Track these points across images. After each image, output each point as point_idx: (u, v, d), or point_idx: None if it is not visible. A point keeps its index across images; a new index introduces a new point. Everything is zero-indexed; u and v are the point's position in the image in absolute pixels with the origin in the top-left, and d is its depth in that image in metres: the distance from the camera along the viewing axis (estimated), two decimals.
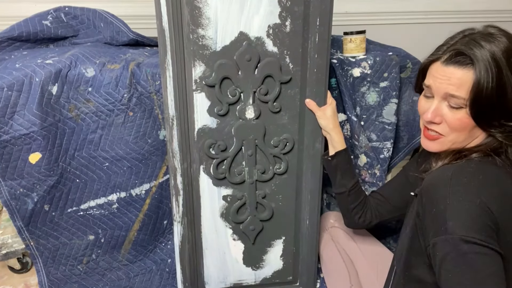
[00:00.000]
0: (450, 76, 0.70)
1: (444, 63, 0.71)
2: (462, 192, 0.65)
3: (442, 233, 0.64)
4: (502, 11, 1.99)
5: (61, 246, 1.14)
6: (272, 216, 1.10)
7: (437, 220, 0.66)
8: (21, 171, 1.03)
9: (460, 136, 0.74)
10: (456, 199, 0.64)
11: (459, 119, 0.72)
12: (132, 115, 1.09)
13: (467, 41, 0.70)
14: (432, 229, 0.67)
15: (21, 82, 0.98)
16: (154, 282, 1.24)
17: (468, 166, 0.70)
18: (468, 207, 0.63)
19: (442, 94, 0.72)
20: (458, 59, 0.69)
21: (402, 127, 1.35)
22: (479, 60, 0.67)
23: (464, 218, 0.63)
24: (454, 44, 0.72)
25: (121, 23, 1.22)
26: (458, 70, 0.69)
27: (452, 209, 0.64)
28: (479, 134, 0.74)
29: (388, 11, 1.88)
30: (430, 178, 0.71)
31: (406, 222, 0.85)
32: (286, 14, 0.92)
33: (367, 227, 1.12)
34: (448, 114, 0.73)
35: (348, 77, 1.22)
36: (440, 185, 0.68)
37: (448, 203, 0.65)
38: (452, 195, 0.65)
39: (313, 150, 1.05)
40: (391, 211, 1.04)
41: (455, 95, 0.70)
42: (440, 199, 0.66)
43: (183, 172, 1.01)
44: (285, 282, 1.19)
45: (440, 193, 0.67)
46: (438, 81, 0.72)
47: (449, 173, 0.69)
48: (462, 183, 0.66)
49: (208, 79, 0.94)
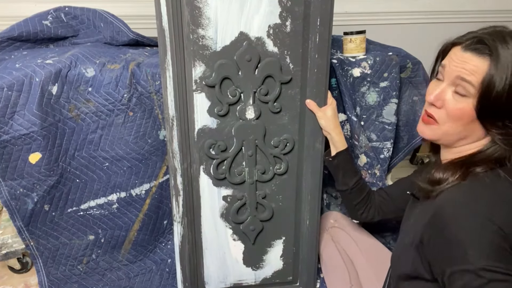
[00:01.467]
0: (466, 61, 0.68)
1: (463, 48, 0.69)
2: (478, 220, 0.63)
3: (462, 262, 0.62)
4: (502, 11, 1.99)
5: (61, 246, 1.14)
6: (272, 216, 1.10)
7: (454, 248, 0.63)
8: (21, 171, 1.03)
9: (454, 127, 0.71)
10: (474, 227, 0.62)
11: (460, 108, 0.69)
12: (132, 115, 1.09)
13: (495, 33, 0.67)
14: (447, 256, 0.65)
15: (21, 82, 0.98)
16: (154, 282, 1.24)
17: (479, 187, 0.67)
18: (487, 235, 0.61)
19: (453, 78, 0.70)
20: (478, 47, 0.67)
21: (402, 127, 1.35)
22: (499, 54, 0.64)
23: (484, 247, 0.61)
24: (480, 33, 0.69)
25: (121, 23, 1.22)
26: (475, 57, 0.67)
27: (471, 238, 0.62)
28: (475, 132, 0.71)
29: (388, 11, 1.88)
30: (441, 204, 0.68)
31: (406, 229, 0.82)
32: (286, 14, 0.92)
33: (370, 222, 1.12)
34: (450, 101, 0.70)
35: (348, 77, 1.22)
36: (454, 213, 0.66)
37: (466, 231, 0.63)
38: (469, 223, 0.63)
39: (313, 150, 1.05)
40: (394, 211, 1.04)
41: (466, 79, 0.67)
42: (456, 227, 0.64)
43: (183, 172, 1.01)
44: (285, 282, 1.19)
45: (456, 221, 0.64)
46: (453, 64, 0.70)
47: (462, 199, 0.66)
48: (477, 210, 0.64)
49: (208, 79, 0.94)
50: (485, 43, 0.66)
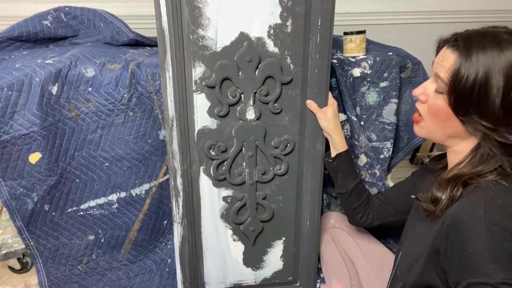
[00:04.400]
0: (444, 59, 0.70)
1: (447, 46, 0.71)
2: (499, 231, 0.63)
3: (482, 275, 0.62)
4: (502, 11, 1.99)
5: (61, 246, 1.14)
6: (272, 217, 1.10)
7: (473, 260, 0.63)
8: (21, 171, 1.03)
9: (434, 123, 0.74)
10: (495, 239, 0.62)
11: (437, 104, 0.71)
12: (132, 115, 1.09)
13: (478, 33, 0.68)
14: (465, 267, 0.64)
15: (21, 82, 0.98)
16: (154, 282, 1.24)
17: (488, 198, 0.66)
18: (506, 246, 0.61)
19: (434, 75, 0.72)
20: (454, 44, 0.69)
21: (402, 127, 1.35)
22: (469, 51, 0.66)
23: (505, 260, 0.61)
24: (463, 31, 0.71)
25: (121, 23, 1.22)
26: (451, 54, 0.69)
27: (493, 251, 0.62)
28: (458, 130, 0.71)
29: (388, 11, 1.88)
30: (459, 214, 0.68)
31: (415, 236, 0.82)
32: (287, 14, 0.92)
33: (368, 227, 1.12)
34: (431, 96, 0.73)
35: (348, 77, 1.22)
36: (474, 224, 0.65)
37: (487, 244, 0.62)
38: (490, 235, 0.63)
39: (313, 151, 1.05)
40: (393, 215, 1.03)
41: (440, 76, 0.70)
42: (477, 239, 0.63)
43: (183, 173, 1.01)
44: (285, 283, 1.19)
45: (476, 233, 0.64)
46: (436, 61, 0.73)
47: (481, 210, 0.65)
48: (497, 221, 0.63)
49: (208, 79, 0.94)
50: (458, 40, 0.68)
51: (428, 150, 2.10)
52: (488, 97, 0.65)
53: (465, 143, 0.74)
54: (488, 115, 0.66)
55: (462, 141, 0.74)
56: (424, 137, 0.80)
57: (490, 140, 0.69)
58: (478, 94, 0.65)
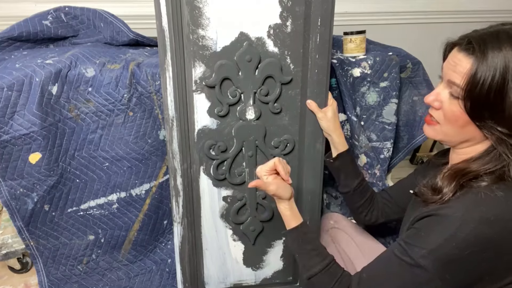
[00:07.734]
0: (457, 63, 0.68)
1: (458, 49, 0.69)
2: (468, 233, 0.64)
3: (414, 247, 0.68)
4: (502, 11, 1.99)
5: (61, 246, 1.14)
6: (272, 217, 1.10)
7: (427, 235, 0.68)
8: (21, 171, 1.03)
9: (452, 129, 0.72)
10: (459, 235, 0.64)
11: (454, 110, 0.70)
12: (132, 115, 1.09)
13: (489, 34, 0.67)
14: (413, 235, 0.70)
15: (21, 82, 0.98)
16: (154, 282, 1.24)
17: (481, 205, 0.66)
18: (456, 252, 0.64)
19: (447, 80, 0.71)
20: (468, 47, 0.67)
21: (402, 127, 1.35)
22: (485, 55, 0.64)
23: (442, 255, 0.66)
24: (474, 33, 0.69)
25: (121, 23, 1.22)
26: (464, 58, 0.67)
27: (445, 242, 0.65)
28: (475, 135, 0.71)
29: (388, 11, 1.88)
30: (445, 210, 0.69)
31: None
32: (287, 14, 0.92)
33: (373, 225, 1.12)
34: (446, 102, 0.71)
35: (348, 77, 1.22)
36: (454, 216, 0.66)
37: (449, 234, 0.65)
38: (460, 229, 0.65)
39: (313, 151, 1.04)
40: (397, 212, 1.03)
41: (455, 82, 0.68)
42: (446, 227, 0.66)
43: (183, 173, 1.01)
44: (285, 283, 1.19)
45: (449, 222, 0.66)
46: (447, 66, 0.71)
47: (465, 211, 0.66)
48: (474, 222, 0.65)
49: (208, 79, 0.94)
50: (473, 43, 0.66)
51: (428, 150, 2.10)
52: (504, 100, 0.64)
53: (477, 146, 0.73)
54: (503, 120, 0.66)
55: (475, 145, 0.73)
56: (437, 139, 0.78)
57: (506, 145, 0.68)
58: (495, 97, 0.64)
